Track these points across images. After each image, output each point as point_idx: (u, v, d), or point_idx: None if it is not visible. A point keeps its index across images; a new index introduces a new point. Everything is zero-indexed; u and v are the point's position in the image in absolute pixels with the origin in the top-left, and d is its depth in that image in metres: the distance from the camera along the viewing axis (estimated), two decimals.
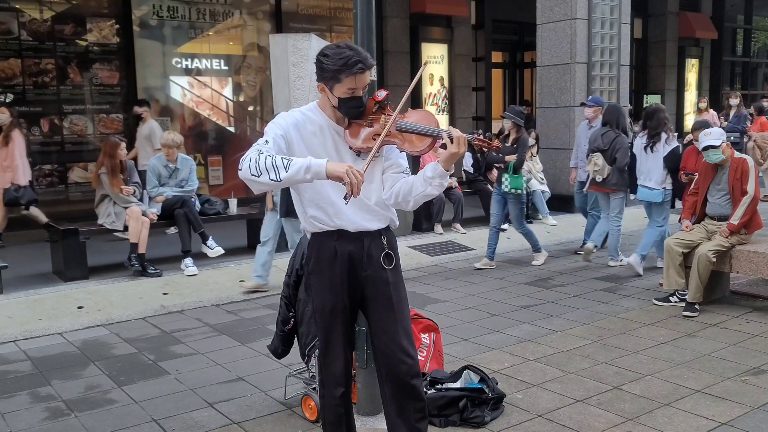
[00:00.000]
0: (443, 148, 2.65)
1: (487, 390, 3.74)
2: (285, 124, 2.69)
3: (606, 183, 6.96)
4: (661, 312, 5.56)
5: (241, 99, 11.45)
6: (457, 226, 8.82)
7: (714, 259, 5.41)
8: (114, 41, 10.06)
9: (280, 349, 3.92)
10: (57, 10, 9.61)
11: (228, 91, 11.21)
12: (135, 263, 6.53)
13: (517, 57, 16.65)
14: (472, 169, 9.82)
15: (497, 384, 3.87)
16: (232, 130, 11.36)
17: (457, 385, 3.80)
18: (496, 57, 15.94)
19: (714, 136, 5.51)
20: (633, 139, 7.34)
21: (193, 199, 7.16)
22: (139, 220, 6.57)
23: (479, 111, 14.54)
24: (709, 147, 5.48)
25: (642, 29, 16.98)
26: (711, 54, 18.46)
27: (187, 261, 6.74)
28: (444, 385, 3.80)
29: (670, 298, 5.73)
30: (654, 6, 16.79)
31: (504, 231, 8.60)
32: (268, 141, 2.59)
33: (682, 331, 5.06)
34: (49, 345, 5.13)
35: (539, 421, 3.64)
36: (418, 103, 12.60)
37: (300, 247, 3.63)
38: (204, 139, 11.06)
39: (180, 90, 10.69)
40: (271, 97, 8.23)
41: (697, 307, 5.43)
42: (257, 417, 3.79)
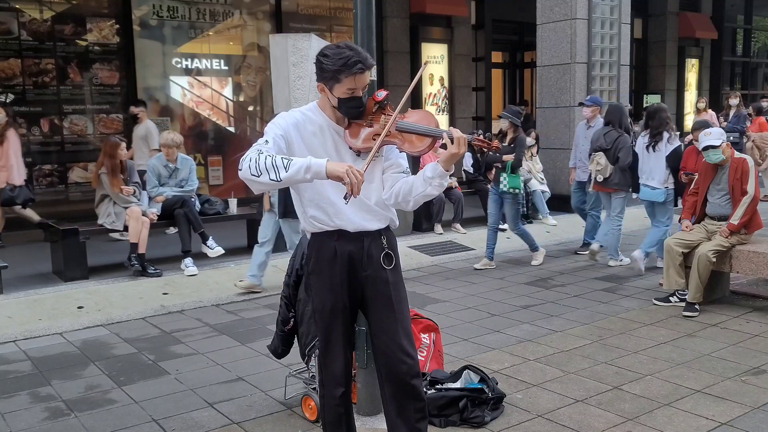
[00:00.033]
0: (443, 148, 2.65)
1: (487, 390, 3.74)
2: (285, 124, 2.69)
3: (608, 183, 6.96)
4: (661, 312, 5.56)
5: (241, 99, 11.44)
6: (457, 226, 8.83)
7: (714, 259, 5.41)
8: (114, 41, 10.06)
9: (280, 349, 3.92)
10: (57, 10, 9.61)
11: (228, 91, 11.20)
12: (135, 263, 6.53)
13: (517, 57, 16.65)
14: (472, 169, 9.83)
15: (497, 384, 3.87)
16: (232, 130, 11.36)
17: (457, 385, 3.80)
18: (496, 57, 15.94)
19: (714, 136, 5.51)
20: (634, 138, 7.34)
21: (193, 199, 7.17)
22: (139, 220, 6.57)
23: (479, 111, 14.54)
24: (709, 147, 5.48)
25: (642, 29, 16.98)
26: (711, 54, 18.45)
27: (187, 261, 6.75)
28: (444, 385, 3.80)
29: (670, 298, 5.73)
30: (654, 6, 16.79)
31: (503, 231, 8.61)
32: (267, 141, 2.59)
33: (682, 331, 5.07)
34: (49, 345, 5.13)
35: (539, 421, 3.64)
36: (418, 103, 12.60)
37: (300, 247, 3.63)
38: (204, 139, 11.06)
39: (180, 90, 10.68)
40: (271, 97, 8.23)
41: (697, 307, 5.43)
42: (257, 417, 3.79)
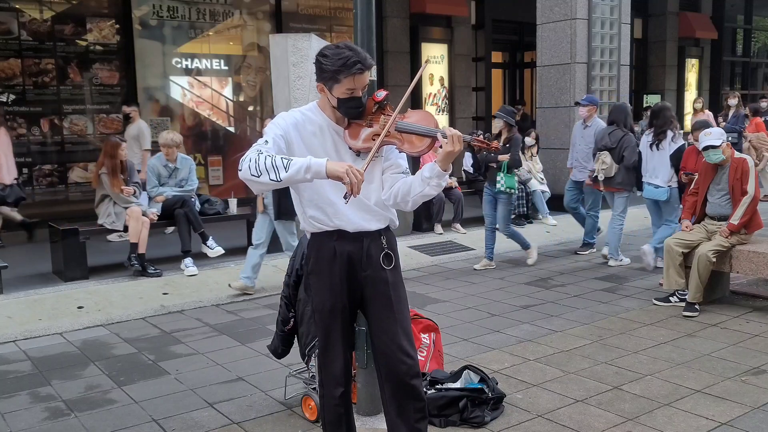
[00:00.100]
0: (443, 148, 2.65)
1: (487, 390, 3.74)
2: (285, 124, 2.69)
3: (612, 182, 6.97)
4: (661, 312, 5.56)
5: (241, 99, 11.44)
6: (457, 226, 8.83)
7: (714, 259, 5.41)
8: (114, 41, 10.06)
9: (280, 349, 3.93)
10: (57, 10, 9.61)
11: (228, 91, 11.20)
12: (135, 263, 6.53)
13: (517, 57, 16.64)
14: (472, 169, 9.82)
15: (497, 384, 3.87)
16: (232, 130, 11.36)
17: (457, 385, 3.80)
18: (496, 57, 15.94)
19: (714, 136, 5.51)
20: (638, 137, 7.35)
21: (193, 199, 7.17)
22: (139, 220, 6.57)
23: (479, 111, 14.54)
24: (709, 147, 5.49)
25: (642, 29, 16.98)
26: (711, 54, 18.45)
27: (187, 261, 6.74)
28: (444, 385, 3.80)
29: (670, 298, 5.73)
30: (654, 6, 16.79)
31: None
32: (267, 141, 2.59)
33: (682, 331, 5.06)
34: (49, 345, 5.13)
35: (539, 421, 3.64)
36: (418, 103, 12.60)
37: (300, 247, 3.63)
38: (204, 139, 11.06)
39: (180, 90, 10.68)
40: (271, 97, 8.22)
41: (697, 307, 5.43)
42: (257, 417, 3.79)
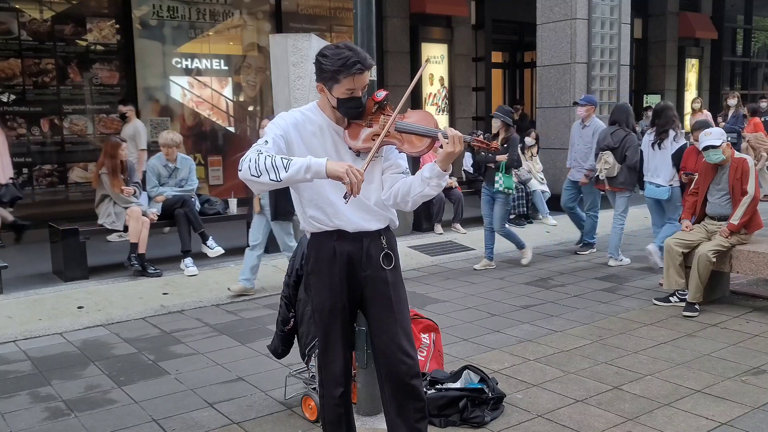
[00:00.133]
0: (443, 148, 2.65)
1: (487, 390, 3.74)
2: (284, 124, 2.69)
3: (614, 181, 6.99)
4: (661, 312, 5.56)
5: (241, 99, 11.44)
6: (457, 226, 8.82)
7: (714, 259, 5.41)
8: (114, 41, 10.06)
9: (280, 349, 3.92)
10: (57, 10, 9.60)
11: (228, 91, 11.20)
12: (135, 263, 6.53)
13: (517, 57, 16.64)
14: (472, 169, 9.82)
15: (497, 384, 3.87)
16: (232, 130, 11.36)
17: (457, 385, 3.80)
18: (496, 57, 15.93)
19: (714, 136, 5.51)
20: (639, 137, 7.36)
21: (193, 199, 7.16)
22: (139, 220, 6.57)
23: (479, 111, 14.54)
24: (709, 147, 5.48)
25: (642, 29, 16.98)
26: (711, 54, 18.45)
27: (187, 261, 6.74)
28: (444, 385, 3.80)
29: (670, 298, 5.73)
30: (654, 6, 16.79)
31: None
32: (267, 141, 2.59)
33: (682, 331, 5.06)
34: (49, 345, 5.13)
35: (539, 421, 3.64)
36: (418, 103, 12.60)
37: (300, 247, 3.63)
38: (204, 139, 11.06)
39: (180, 90, 10.68)
40: (271, 97, 8.22)
41: (697, 307, 5.43)
42: (257, 417, 3.79)
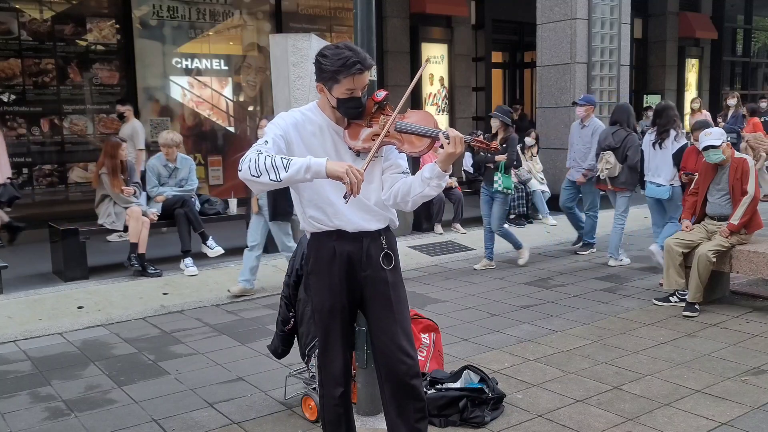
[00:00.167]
0: (443, 148, 2.65)
1: (487, 390, 3.74)
2: (284, 124, 2.69)
3: (616, 181, 7.00)
4: (661, 312, 5.56)
5: (241, 99, 11.44)
6: (457, 226, 8.82)
7: (714, 259, 5.41)
8: (114, 41, 10.06)
9: (280, 349, 3.93)
10: (57, 10, 9.60)
11: (228, 91, 11.20)
12: (135, 263, 6.53)
13: (517, 57, 16.64)
14: (472, 169, 9.82)
15: (497, 384, 3.87)
16: (232, 130, 11.36)
17: (457, 385, 3.80)
18: (496, 57, 15.93)
19: (714, 136, 5.51)
20: (640, 137, 7.37)
21: (193, 199, 7.16)
22: (139, 220, 6.56)
23: (479, 111, 14.54)
24: (709, 147, 5.48)
25: (642, 29, 16.97)
26: (711, 54, 18.45)
27: (187, 261, 6.74)
28: (444, 385, 3.80)
29: (670, 298, 5.73)
30: (654, 6, 16.79)
31: None
32: (267, 141, 2.59)
33: (682, 331, 5.06)
34: (49, 345, 5.14)
35: (539, 421, 3.64)
36: (418, 103, 12.59)
37: (300, 247, 3.63)
38: (204, 139, 11.05)
39: (180, 90, 10.68)
40: (271, 97, 8.21)
41: (697, 307, 5.43)
42: (257, 417, 3.79)
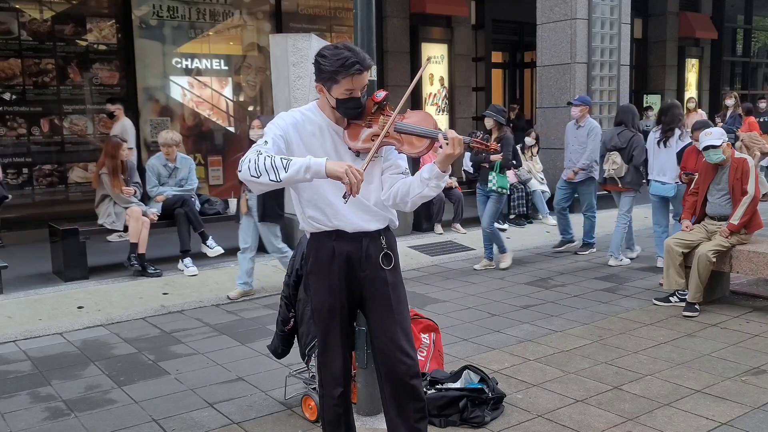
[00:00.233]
0: (442, 149, 2.65)
1: (487, 390, 3.74)
2: (284, 125, 2.68)
3: (622, 181, 7.02)
4: (661, 312, 5.56)
5: (241, 99, 11.44)
6: (457, 226, 8.82)
7: (714, 259, 5.41)
8: (114, 41, 10.06)
9: (280, 349, 3.93)
10: (57, 10, 9.60)
11: (228, 91, 11.20)
12: (135, 263, 6.53)
13: (517, 57, 16.64)
14: (471, 169, 9.80)
15: (497, 384, 3.87)
16: (232, 130, 11.35)
17: (457, 385, 3.80)
18: (496, 57, 15.93)
19: (714, 135, 5.51)
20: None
21: (193, 199, 7.16)
22: (139, 220, 6.56)
23: (479, 111, 14.51)
24: (709, 147, 5.49)
25: (642, 29, 16.97)
26: (711, 54, 18.45)
27: (187, 261, 6.74)
28: (444, 385, 3.80)
29: (670, 298, 5.73)
30: (654, 6, 16.78)
31: (504, 231, 8.60)
32: (267, 142, 2.59)
33: (682, 331, 5.06)
34: (49, 345, 5.13)
35: (539, 421, 3.64)
36: (418, 103, 12.59)
37: (300, 247, 3.64)
38: (204, 139, 11.05)
39: (180, 90, 10.68)
40: (271, 97, 8.21)
41: (697, 307, 5.43)
42: (257, 417, 3.79)
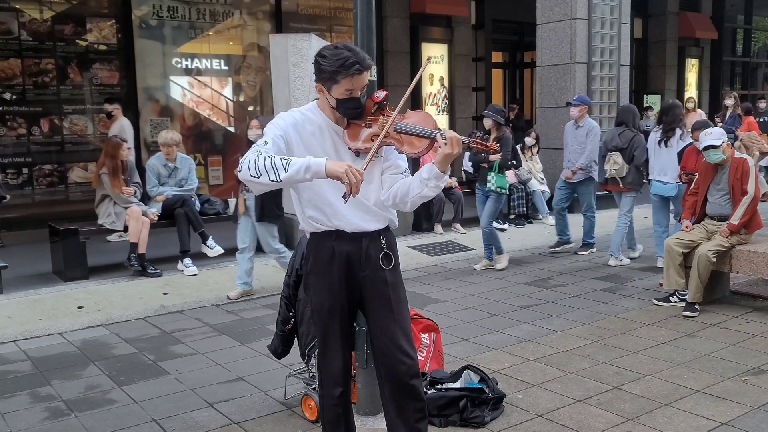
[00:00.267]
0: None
1: (487, 390, 3.74)
2: (284, 125, 2.68)
3: (623, 182, 7.04)
4: (661, 312, 5.56)
5: (241, 99, 11.44)
6: (457, 226, 8.82)
7: (714, 259, 5.41)
8: (114, 41, 10.06)
9: (280, 349, 3.93)
10: (57, 10, 9.60)
11: (228, 91, 11.20)
12: (135, 263, 6.53)
13: (517, 57, 16.64)
14: (472, 169, 9.80)
15: (497, 384, 3.87)
16: (232, 130, 11.35)
17: (457, 385, 3.80)
18: (496, 57, 15.93)
19: (714, 135, 5.52)
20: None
21: (193, 199, 7.16)
22: (139, 220, 6.56)
23: (479, 111, 14.49)
24: (709, 147, 5.49)
25: (642, 29, 16.97)
26: (711, 54, 18.44)
27: (187, 261, 6.74)
28: (444, 385, 3.80)
29: (670, 298, 5.73)
30: (654, 6, 16.78)
31: (504, 231, 8.61)
32: (267, 142, 2.59)
33: (682, 331, 5.06)
34: (49, 345, 5.13)
35: (539, 421, 3.64)
36: (418, 103, 12.59)
37: (300, 247, 3.64)
38: (204, 139, 11.05)
39: (180, 90, 10.68)
40: (271, 97, 8.22)
41: (697, 307, 5.43)
42: (257, 417, 3.79)
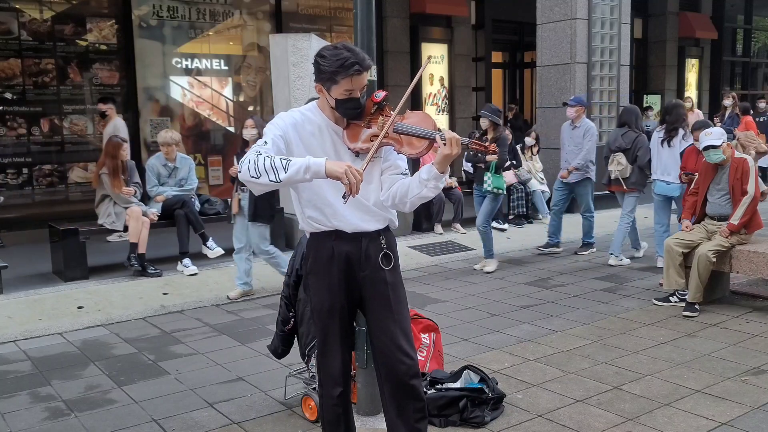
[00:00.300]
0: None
1: (487, 390, 3.74)
2: (283, 125, 2.68)
3: (626, 182, 7.04)
4: (661, 312, 5.56)
5: (241, 99, 11.44)
6: (457, 226, 8.82)
7: (714, 259, 5.41)
8: (114, 41, 10.06)
9: (280, 349, 3.93)
10: (57, 10, 9.60)
11: (228, 91, 11.20)
12: (135, 263, 6.53)
13: (517, 57, 16.64)
14: (471, 169, 9.80)
15: (497, 384, 3.87)
16: (232, 130, 11.35)
17: (457, 385, 3.80)
18: (496, 57, 15.93)
19: (714, 135, 5.52)
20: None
21: (193, 199, 7.15)
22: (139, 220, 6.56)
23: (479, 111, 14.52)
24: (709, 147, 5.49)
25: (642, 29, 16.97)
26: (711, 54, 18.45)
27: (186, 261, 6.73)
28: (444, 385, 3.80)
29: (670, 298, 5.73)
30: (654, 6, 16.78)
31: (504, 231, 8.61)
32: (266, 142, 2.59)
33: (682, 331, 5.07)
34: (49, 345, 5.14)
35: (539, 421, 3.64)
36: (418, 103, 12.59)
37: (300, 247, 3.64)
38: (204, 139, 11.05)
39: (180, 90, 10.68)
40: (271, 97, 8.22)
41: (697, 307, 5.43)
42: (257, 417, 3.79)
